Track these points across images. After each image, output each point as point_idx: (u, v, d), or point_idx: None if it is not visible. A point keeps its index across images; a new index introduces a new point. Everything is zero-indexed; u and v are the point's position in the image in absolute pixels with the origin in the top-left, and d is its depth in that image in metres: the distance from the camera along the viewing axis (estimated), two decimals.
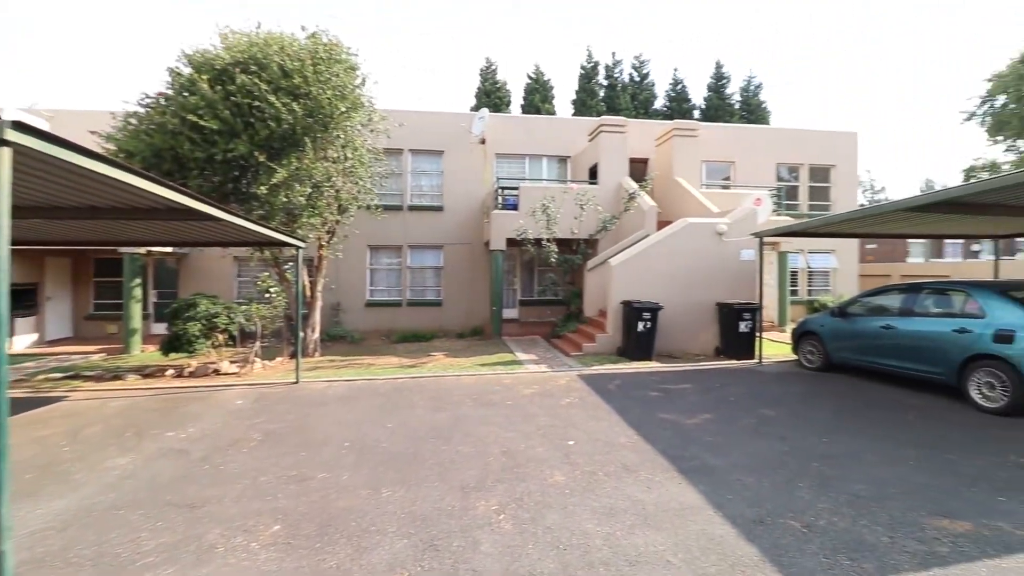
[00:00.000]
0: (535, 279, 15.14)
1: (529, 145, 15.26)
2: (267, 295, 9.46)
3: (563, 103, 46.76)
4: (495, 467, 4.28)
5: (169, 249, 12.66)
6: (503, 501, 3.63)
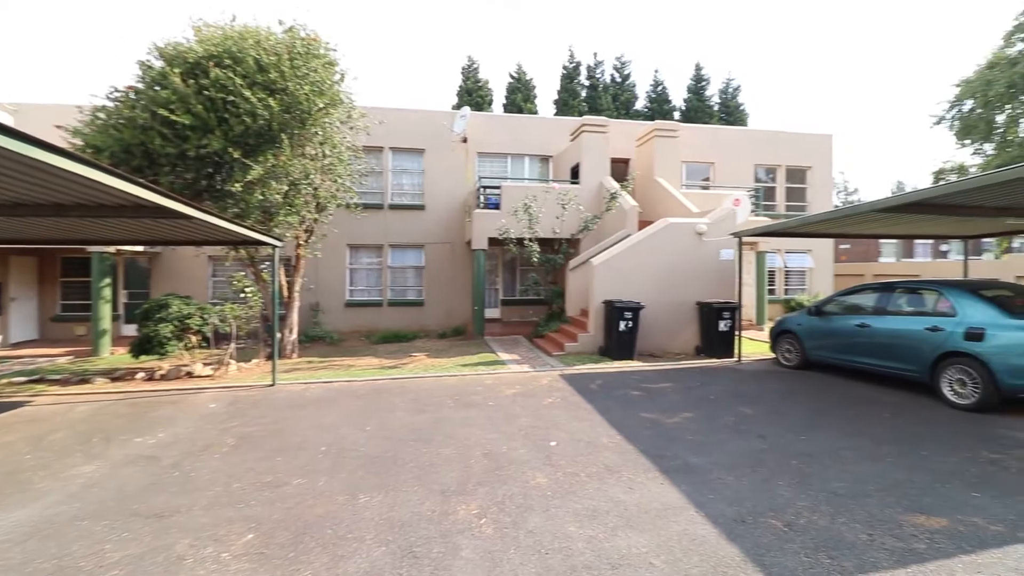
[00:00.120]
0: (517, 279, 15.11)
1: (511, 144, 15.21)
2: (242, 295, 9.23)
3: (545, 103, 46.94)
4: (476, 470, 4.21)
5: (140, 248, 12.29)
6: (484, 505, 3.57)
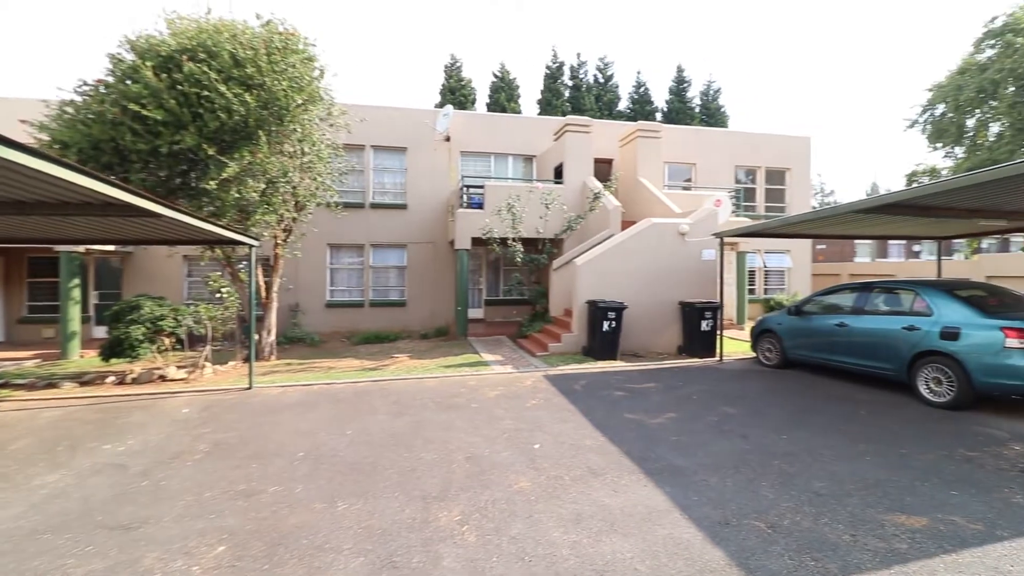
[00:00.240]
0: (501, 279, 15.04)
1: (495, 144, 15.14)
2: (219, 296, 8.99)
3: (529, 102, 46.94)
4: (459, 474, 4.13)
5: (111, 247, 11.91)
6: (466, 511, 3.49)
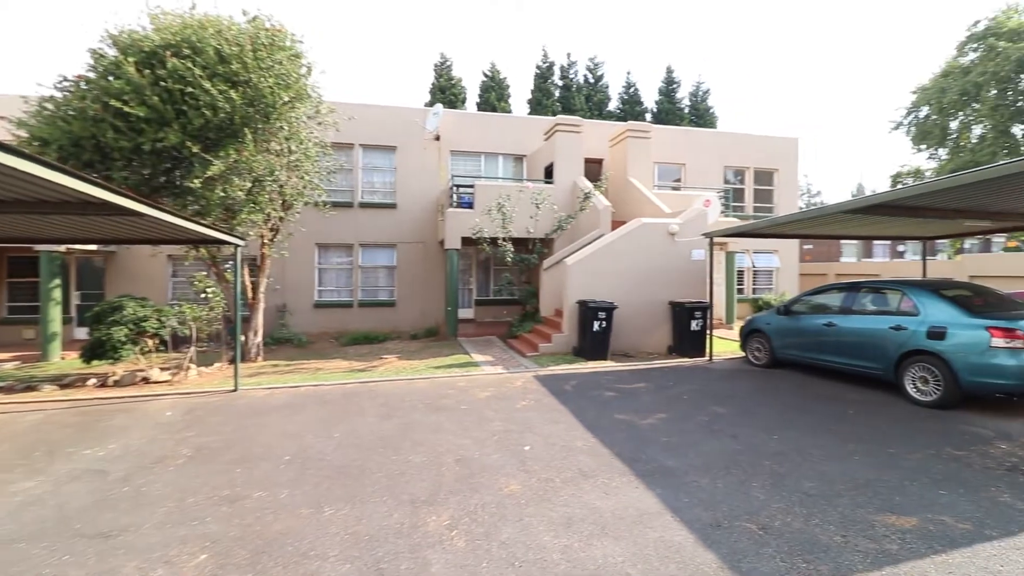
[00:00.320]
0: (491, 278, 14.97)
1: (485, 143, 15.06)
2: (204, 296, 8.83)
3: (519, 102, 46.90)
4: (448, 478, 4.07)
5: (94, 247, 11.68)
6: (456, 515, 3.44)
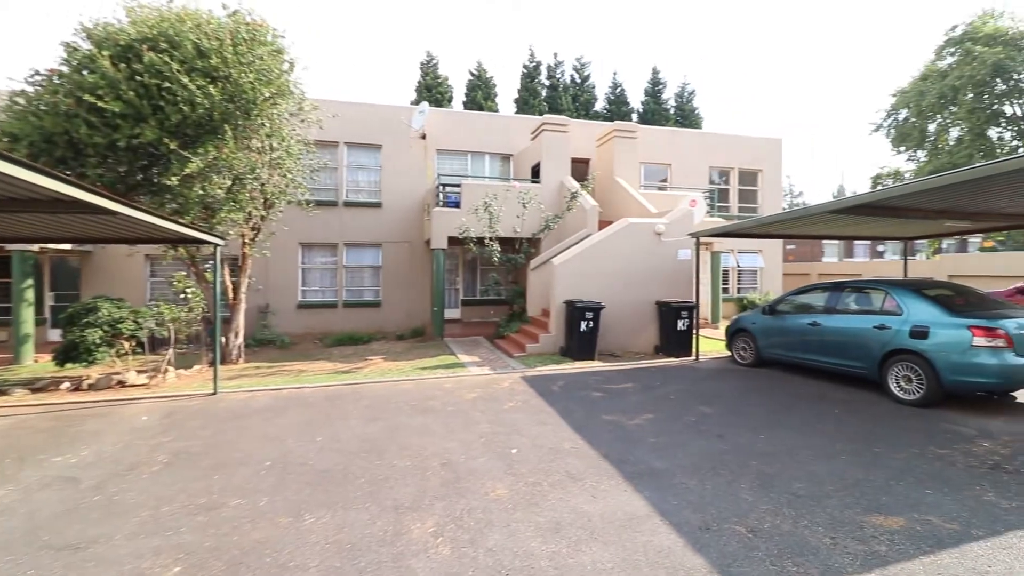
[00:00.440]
0: (478, 278, 14.88)
1: (471, 142, 14.97)
2: (183, 296, 8.60)
3: (506, 101, 46.80)
4: (433, 482, 3.98)
5: (68, 246, 11.35)
6: (441, 522, 3.35)
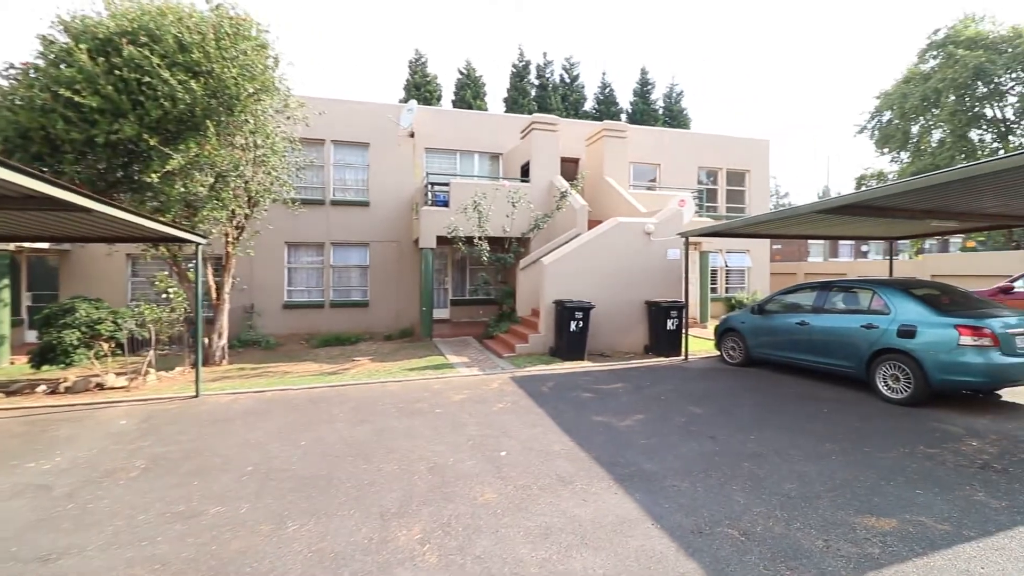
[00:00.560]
0: (467, 278, 14.78)
1: (460, 141, 14.86)
2: (165, 296, 8.40)
3: (495, 100, 46.65)
4: (420, 487, 3.89)
5: (45, 245, 11.07)
6: (428, 528, 3.26)
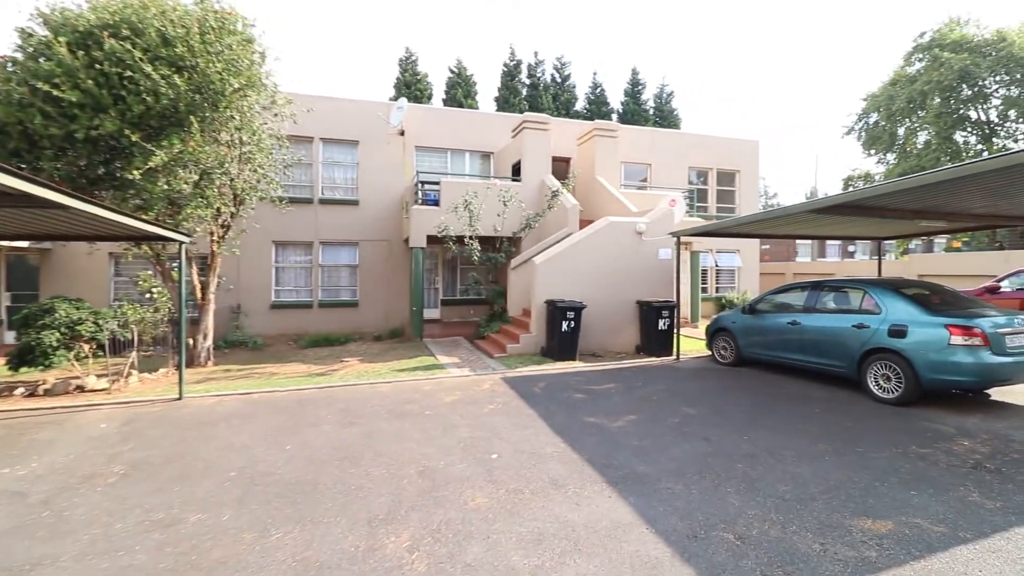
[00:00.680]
0: (458, 278, 14.68)
1: (451, 139, 14.74)
2: (149, 296, 8.21)
3: (486, 99, 46.33)
4: (409, 492, 3.79)
5: (24, 244, 10.81)
6: (417, 535, 3.17)
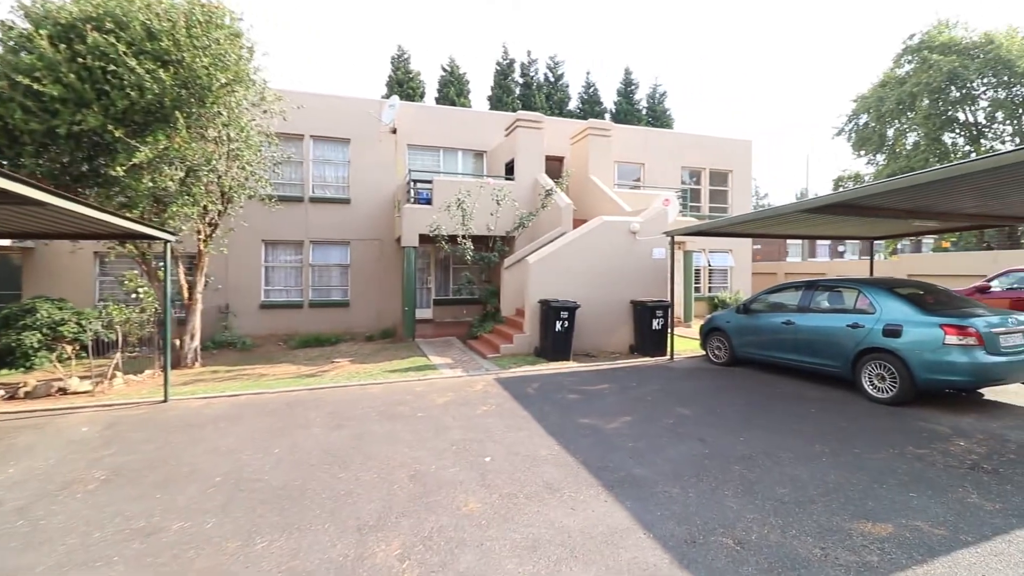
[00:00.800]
0: (450, 277, 14.56)
1: (444, 138, 14.63)
2: (134, 296, 8.03)
3: (479, 98, 46.20)
4: (400, 497, 3.69)
5: (7, 242, 10.57)
6: (408, 543, 3.07)
